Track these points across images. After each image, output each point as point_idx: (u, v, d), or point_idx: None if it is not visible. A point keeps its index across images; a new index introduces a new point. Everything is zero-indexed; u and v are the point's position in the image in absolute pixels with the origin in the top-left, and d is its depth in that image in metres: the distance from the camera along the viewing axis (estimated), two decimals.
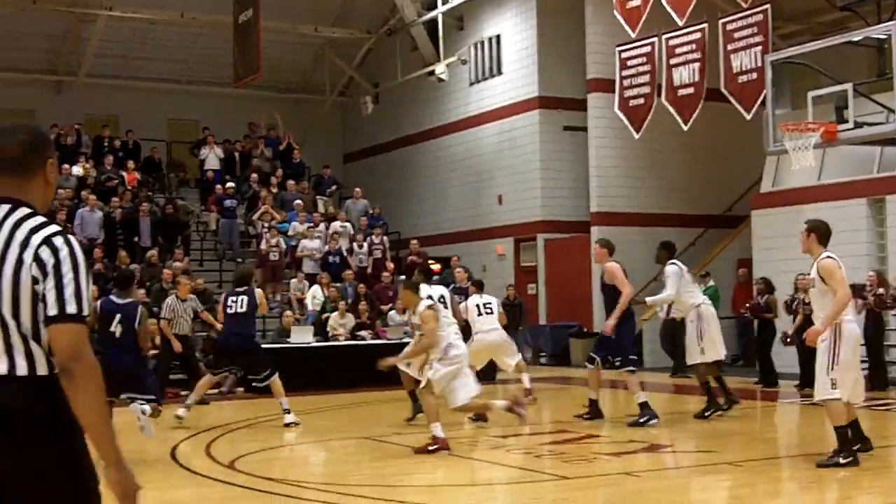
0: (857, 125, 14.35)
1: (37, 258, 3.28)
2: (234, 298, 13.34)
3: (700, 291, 14.00)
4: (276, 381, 13.27)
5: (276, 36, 27.68)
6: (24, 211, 3.37)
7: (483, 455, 10.81)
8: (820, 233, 9.59)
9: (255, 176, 26.51)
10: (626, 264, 13.66)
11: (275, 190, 26.16)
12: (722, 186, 25.07)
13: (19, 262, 3.28)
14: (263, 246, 23.34)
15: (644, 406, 12.71)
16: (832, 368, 9.06)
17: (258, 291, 13.70)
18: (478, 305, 15.05)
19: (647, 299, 13.47)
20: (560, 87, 25.54)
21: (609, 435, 12.45)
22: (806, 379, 17.17)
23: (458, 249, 25.74)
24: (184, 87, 30.51)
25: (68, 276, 3.28)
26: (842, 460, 9.14)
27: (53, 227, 3.35)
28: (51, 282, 3.27)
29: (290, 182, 26.43)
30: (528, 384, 15.67)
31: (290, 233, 24.13)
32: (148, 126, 28.60)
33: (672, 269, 13.08)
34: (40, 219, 3.37)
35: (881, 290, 16.61)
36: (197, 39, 29.49)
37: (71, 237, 3.37)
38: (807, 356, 17.05)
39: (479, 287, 15.97)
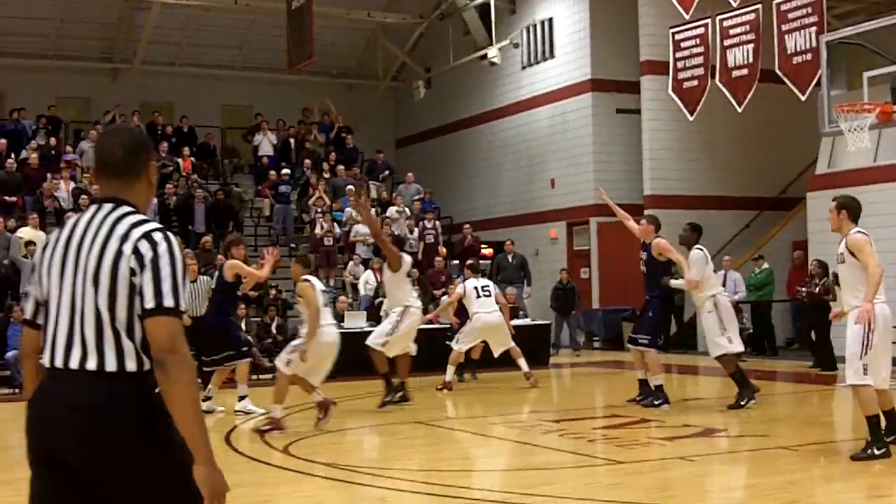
0: None
1: (136, 251, 3.38)
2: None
3: (719, 281, 13.80)
4: (241, 367, 13.27)
5: (328, 21, 27.77)
6: (125, 209, 3.50)
7: (537, 440, 10.86)
8: (850, 210, 9.37)
9: (308, 161, 26.67)
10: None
11: (327, 175, 26.30)
12: (776, 168, 24.85)
13: (118, 253, 3.38)
14: (317, 231, 23.50)
15: (659, 389, 12.82)
16: (865, 353, 8.76)
17: (231, 263, 12.95)
18: (476, 288, 15.78)
19: (671, 282, 13.34)
20: (613, 70, 25.41)
21: (662, 419, 12.43)
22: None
23: (510, 234, 25.72)
24: (237, 73, 30.74)
25: (166, 271, 3.37)
26: (875, 451, 8.87)
27: (154, 224, 3.47)
28: (148, 274, 3.36)
29: (341, 167, 26.56)
30: (525, 368, 15.89)
31: (343, 219, 24.26)
32: (202, 112, 28.85)
33: (697, 254, 13.04)
34: (141, 216, 3.49)
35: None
36: (251, 26, 29.66)
37: (170, 234, 3.48)
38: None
39: (475, 270, 16.41)
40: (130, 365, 3.36)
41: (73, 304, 3.41)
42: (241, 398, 13.24)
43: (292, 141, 27.96)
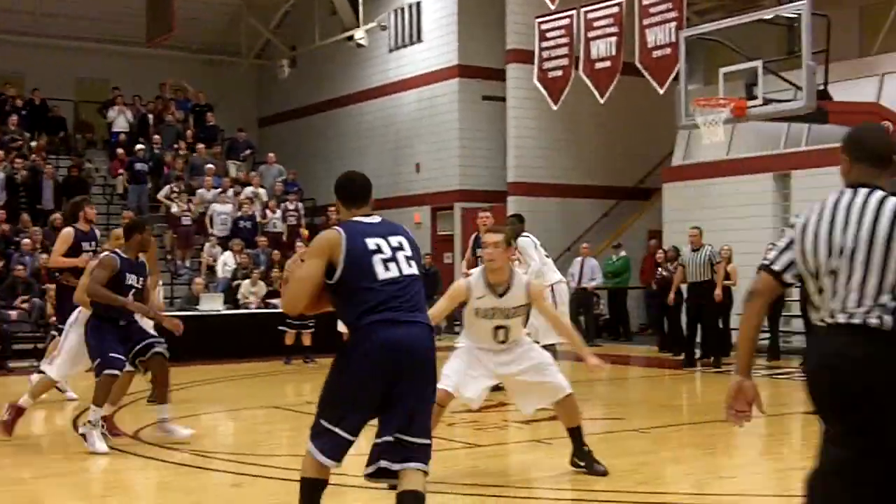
0: (766, 102, 14.61)
1: None
2: None
3: (554, 269, 13.56)
4: None
5: None
6: (880, 192, 4.12)
7: None
8: None
9: (162, 138, 26.12)
10: (541, 235, 13.79)
11: (184, 153, 25.81)
12: (635, 159, 25.38)
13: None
14: (174, 211, 23.07)
15: None
16: None
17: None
18: None
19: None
20: (479, 57, 25.57)
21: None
22: (706, 348, 17.58)
23: None
24: (93, 45, 29.81)
25: None
26: None
27: None
28: None
29: (200, 146, 26.10)
30: None
31: (195, 200, 23.71)
32: (55, 85, 27.97)
33: (525, 241, 12.63)
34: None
35: (730, 265, 17.09)
36: None
37: None
38: (706, 327, 17.48)
39: None
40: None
41: (851, 269, 3.95)
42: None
43: (150, 117, 27.37)
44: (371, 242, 5.28)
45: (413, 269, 5.35)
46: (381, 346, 5.10)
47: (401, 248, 5.40)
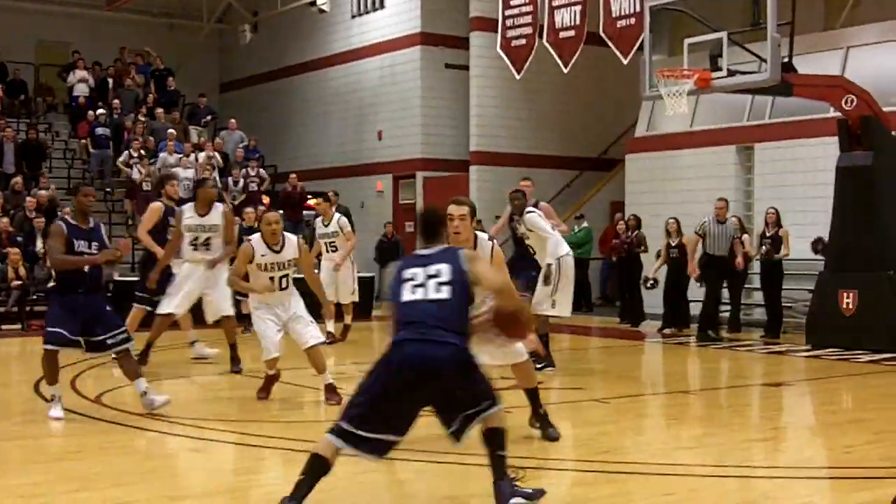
0: (731, 73, 14.59)
1: None
2: None
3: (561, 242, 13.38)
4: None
5: None
6: None
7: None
8: None
9: (122, 103, 25.83)
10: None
11: (145, 118, 25.53)
12: (598, 130, 25.37)
13: None
14: (135, 176, 22.84)
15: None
16: None
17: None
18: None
19: None
20: (443, 25, 25.44)
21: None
22: (668, 320, 17.67)
23: (336, 185, 25.56)
24: (53, 7, 29.40)
25: None
26: None
27: None
28: None
29: (160, 111, 25.84)
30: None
31: (157, 165, 23.42)
32: (15, 48, 27.60)
33: (532, 216, 12.23)
34: None
35: (745, 235, 17.13)
36: None
37: None
38: (670, 298, 17.56)
39: None
40: None
41: None
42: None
43: (110, 81, 27.05)
44: (408, 273, 5.88)
45: (440, 294, 5.76)
46: (397, 360, 5.74)
47: (437, 275, 5.83)
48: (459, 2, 24.73)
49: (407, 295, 5.81)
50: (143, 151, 23.50)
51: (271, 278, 9.58)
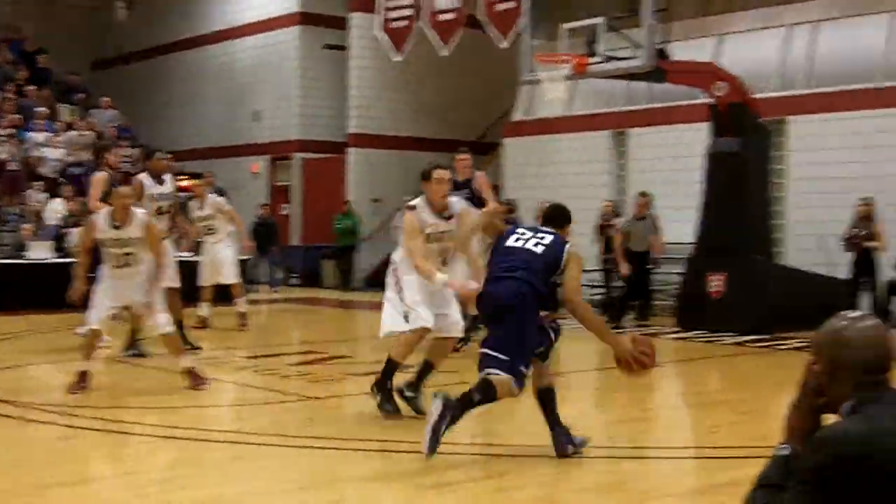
0: (607, 59, 14.79)
1: None
2: None
3: None
4: None
5: None
6: None
7: (230, 376, 10.73)
8: None
9: None
10: (379, 187, 13.73)
11: (13, 96, 24.77)
12: (477, 113, 25.47)
13: None
14: (3, 156, 22.17)
15: None
16: None
17: None
18: None
19: None
20: (322, 4, 25.27)
21: (357, 355, 12.62)
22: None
23: (212, 165, 25.23)
24: None
25: None
26: None
27: None
28: None
29: (31, 88, 25.12)
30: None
31: (26, 144, 22.76)
32: None
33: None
34: None
35: (616, 220, 17.36)
36: None
37: None
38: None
39: None
40: None
41: None
42: None
43: None
44: (518, 232, 6.96)
45: (533, 248, 6.76)
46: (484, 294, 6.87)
47: (540, 239, 6.82)
48: None
49: (510, 242, 6.84)
50: (13, 130, 22.81)
51: (114, 255, 9.50)
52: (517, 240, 6.84)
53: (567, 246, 6.81)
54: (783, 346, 13.36)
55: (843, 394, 2.93)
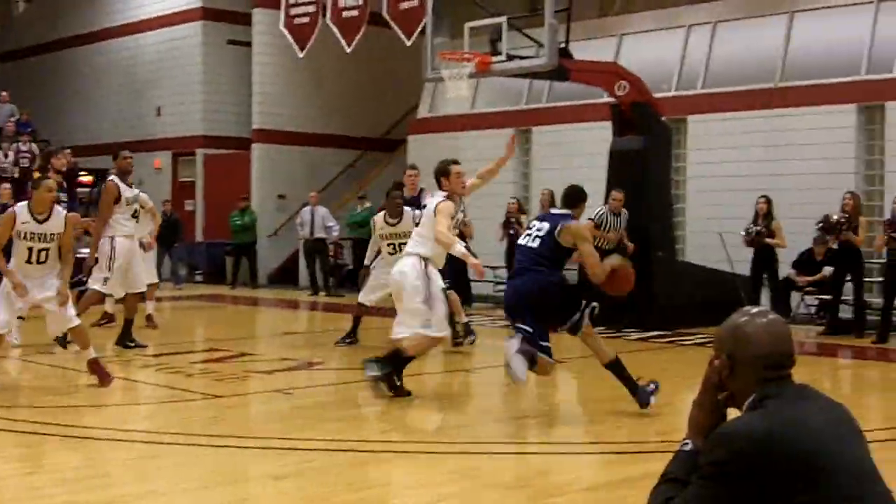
0: (510, 58, 14.88)
1: None
2: None
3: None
4: None
5: None
6: None
7: (134, 374, 10.61)
8: None
9: None
10: (284, 184, 13.67)
11: None
12: (382, 110, 25.48)
13: None
14: None
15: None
16: None
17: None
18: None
19: None
20: (225, 0, 25.03)
21: (262, 353, 12.56)
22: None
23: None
24: None
25: None
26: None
27: None
28: None
29: None
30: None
31: None
32: None
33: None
34: None
35: (523, 218, 17.53)
36: None
37: None
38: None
39: None
40: None
41: None
42: None
43: None
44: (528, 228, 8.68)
45: (532, 245, 8.32)
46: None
47: (538, 231, 8.33)
48: None
49: (521, 241, 8.50)
50: None
51: (30, 249, 9.27)
52: (525, 237, 8.48)
53: (563, 222, 8.29)
54: (686, 342, 13.61)
55: (744, 389, 3.00)
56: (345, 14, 19.63)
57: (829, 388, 9.79)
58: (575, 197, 8.65)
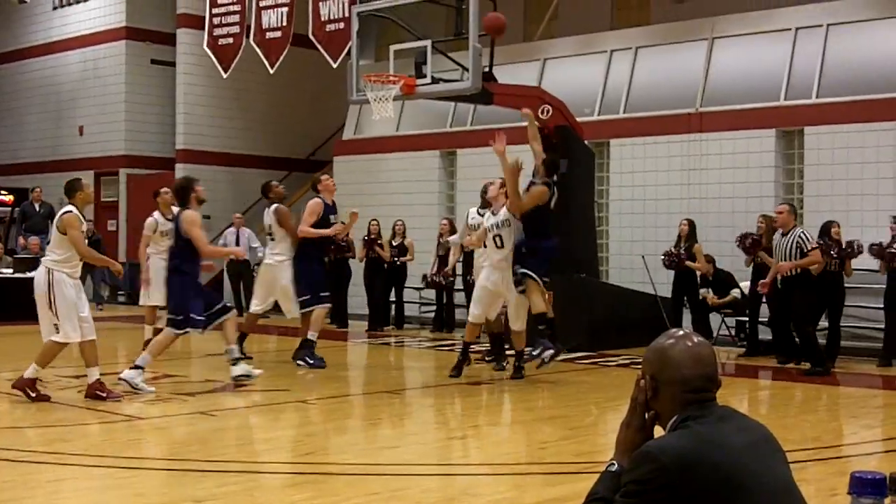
0: (435, 81, 14.95)
1: None
2: None
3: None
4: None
5: None
6: None
7: (54, 395, 10.45)
8: None
9: None
10: (209, 205, 13.61)
11: None
12: (307, 131, 25.47)
13: None
14: None
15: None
16: None
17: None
18: None
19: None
20: (149, 20, 24.89)
21: (186, 374, 12.47)
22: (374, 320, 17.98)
23: (36, 180, 24.53)
24: None
25: None
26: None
27: None
28: None
29: None
30: None
31: None
32: None
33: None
34: None
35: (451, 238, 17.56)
36: None
37: None
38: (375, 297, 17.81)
39: None
40: None
41: None
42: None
43: None
44: None
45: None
46: None
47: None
48: None
49: None
50: None
51: None
52: None
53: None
54: (608, 364, 13.75)
55: (668, 409, 3.07)
56: (268, 35, 19.60)
57: (747, 410, 9.98)
58: None
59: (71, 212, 10.21)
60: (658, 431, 3.13)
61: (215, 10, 20.67)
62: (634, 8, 21.63)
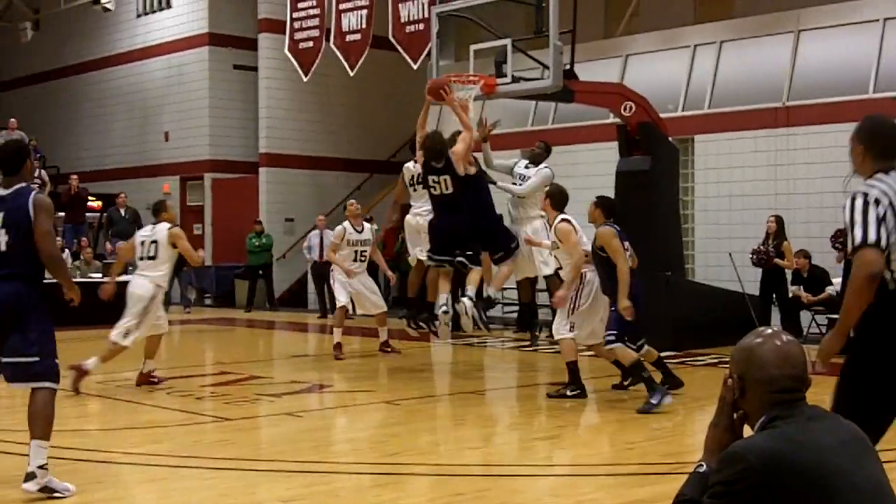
0: (515, 80, 14.88)
1: None
2: None
3: None
4: None
5: None
6: None
7: (143, 398, 10.60)
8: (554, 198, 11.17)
9: None
10: (292, 207, 13.71)
11: None
12: (388, 132, 25.53)
13: None
14: None
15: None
16: (571, 313, 10.07)
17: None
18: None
19: None
20: (231, 25, 25.18)
21: (271, 376, 12.56)
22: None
23: (122, 186, 24.92)
24: None
25: None
26: (569, 392, 10.27)
27: None
28: None
29: None
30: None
31: None
32: None
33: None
34: None
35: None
36: None
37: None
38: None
39: None
40: None
41: None
42: None
43: None
44: None
45: None
46: None
47: None
48: (248, 3, 24.49)
49: None
50: None
51: None
52: None
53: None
54: (697, 363, 13.57)
55: (756, 409, 3.00)
56: (348, 38, 19.70)
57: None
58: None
59: (176, 226, 11.03)
60: (747, 431, 3.06)
61: (296, 15, 20.83)
62: (717, 2, 21.33)
